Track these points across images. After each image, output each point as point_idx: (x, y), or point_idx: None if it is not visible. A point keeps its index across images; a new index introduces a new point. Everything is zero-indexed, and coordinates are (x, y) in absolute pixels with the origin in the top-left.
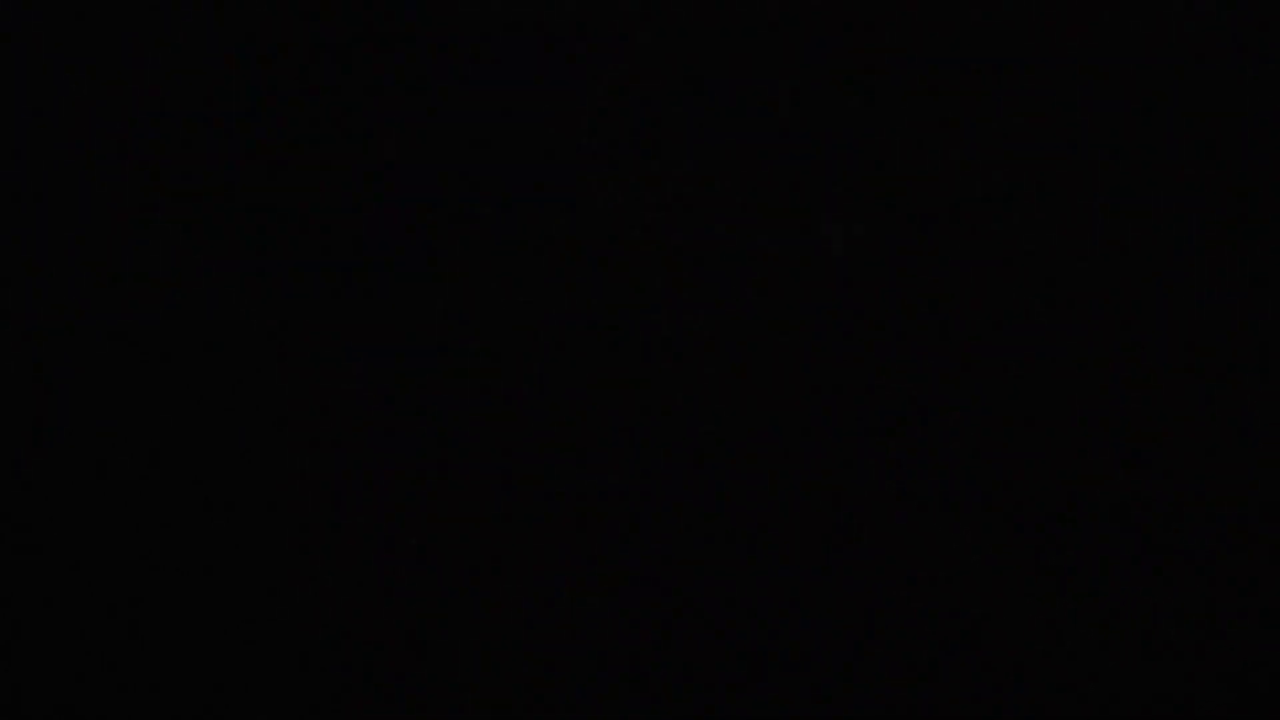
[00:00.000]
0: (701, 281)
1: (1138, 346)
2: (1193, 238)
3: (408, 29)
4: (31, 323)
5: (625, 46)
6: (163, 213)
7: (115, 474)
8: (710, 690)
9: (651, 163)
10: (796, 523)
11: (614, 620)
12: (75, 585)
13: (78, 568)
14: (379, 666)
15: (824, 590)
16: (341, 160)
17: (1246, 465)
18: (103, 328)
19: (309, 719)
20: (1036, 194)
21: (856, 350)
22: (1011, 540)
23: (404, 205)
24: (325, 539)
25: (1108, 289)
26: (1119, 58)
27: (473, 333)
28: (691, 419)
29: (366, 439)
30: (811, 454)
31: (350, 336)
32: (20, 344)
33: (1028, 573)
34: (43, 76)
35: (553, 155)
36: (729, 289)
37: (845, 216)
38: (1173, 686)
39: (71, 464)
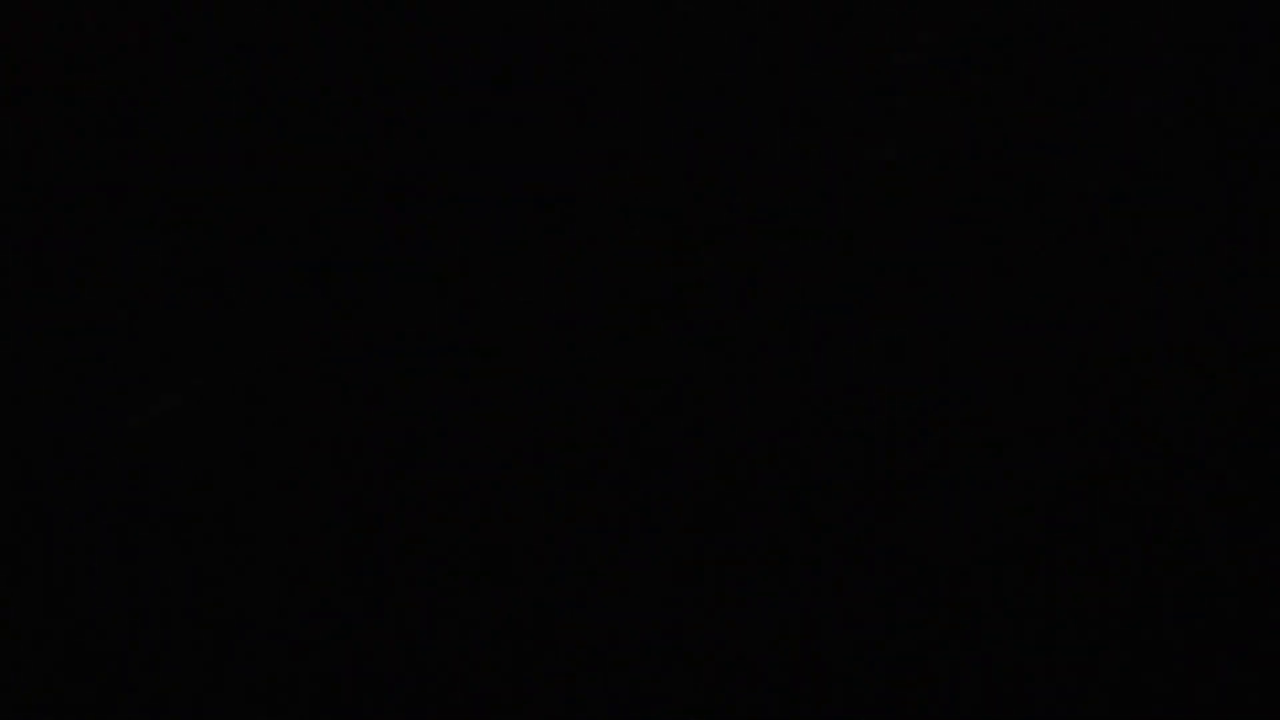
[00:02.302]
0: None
1: (1138, 345)
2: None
3: (407, 29)
4: (31, 321)
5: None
6: (162, 212)
7: (115, 473)
8: (708, 689)
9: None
10: (798, 521)
11: (613, 620)
12: (74, 585)
13: (78, 566)
14: (378, 666)
15: (822, 588)
16: (341, 160)
17: (1246, 464)
18: (102, 328)
19: (307, 718)
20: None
21: (856, 350)
22: (1010, 539)
23: (403, 205)
24: (322, 538)
25: (1109, 288)
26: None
27: (472, 332)
28: (691, 418)
29: (364, 438)
30: (811, 454)
31: (348, 336)
32: (19, 342)
33: (1026, 572)
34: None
35: (555, 155)
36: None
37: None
38: (1172, 686)
39: (71, 463)
